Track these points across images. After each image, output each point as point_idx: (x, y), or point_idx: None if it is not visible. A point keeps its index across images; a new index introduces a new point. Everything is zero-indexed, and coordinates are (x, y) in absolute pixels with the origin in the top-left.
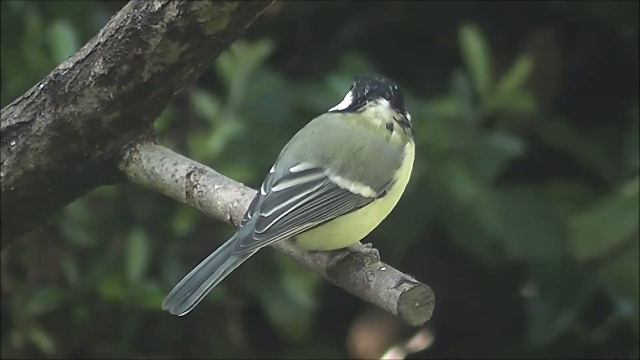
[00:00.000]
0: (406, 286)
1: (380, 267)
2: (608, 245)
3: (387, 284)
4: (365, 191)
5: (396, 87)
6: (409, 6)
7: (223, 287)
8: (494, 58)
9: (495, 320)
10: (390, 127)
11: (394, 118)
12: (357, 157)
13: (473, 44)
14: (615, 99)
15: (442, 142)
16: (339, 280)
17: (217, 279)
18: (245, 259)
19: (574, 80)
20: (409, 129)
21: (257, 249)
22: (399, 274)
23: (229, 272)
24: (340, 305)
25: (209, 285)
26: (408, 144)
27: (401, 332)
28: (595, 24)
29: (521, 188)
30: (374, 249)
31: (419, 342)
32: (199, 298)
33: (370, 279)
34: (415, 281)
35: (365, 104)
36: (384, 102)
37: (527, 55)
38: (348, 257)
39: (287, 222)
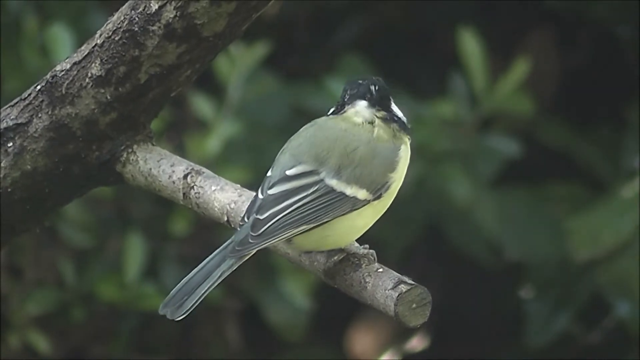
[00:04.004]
0: (403, 287)
1: (377, 269)
2: (605, 247)
3: (384, 286)
4: (362, 194)
5: (378, 87)
6: (406, 7)
7: (220, 289)
8: (491, 59)
9: (492, 321)
10: (372, 123)
11: (375, 115)
12: (351, 158)
13: (470, 45)
14: (613, 99)
15: (439, 143)
16: (336, 281)
17: (214, 282)
18: (242, 262)
19: (572, 81)
20: (396, 124)
21: (254, 251)
22: (396, 275)
23: (225, 275)
24: (337, 306)
25: (205, 289)
26: (403, 145)
27: (398, 333)
28: (592, 25)
29: (519, 189)
30: (371, 251)
31: (416, 343)
32: (196, 302)
33: (367, 280)
34: (412, 282)
35: (344, 107)
36: (362, 103)
37: (524, 56)
38: (345, 259)
39: (283, 224)
